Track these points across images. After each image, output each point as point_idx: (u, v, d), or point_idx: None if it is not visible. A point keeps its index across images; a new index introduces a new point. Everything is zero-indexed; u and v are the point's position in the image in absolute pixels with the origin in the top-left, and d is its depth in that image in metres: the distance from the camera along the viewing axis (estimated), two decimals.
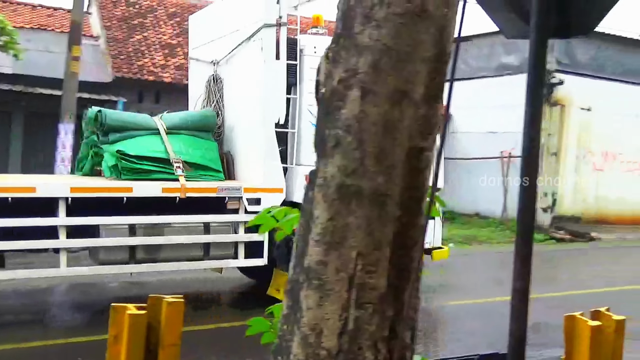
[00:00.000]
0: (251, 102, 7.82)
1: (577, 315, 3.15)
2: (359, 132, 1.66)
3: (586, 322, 3.08)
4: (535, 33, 2.33)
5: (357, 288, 1.71)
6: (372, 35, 1.65)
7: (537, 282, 8.76)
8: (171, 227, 7.27)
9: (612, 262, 12.81)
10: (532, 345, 6.47)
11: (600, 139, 17.99)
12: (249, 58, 7.83)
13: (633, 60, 19.24)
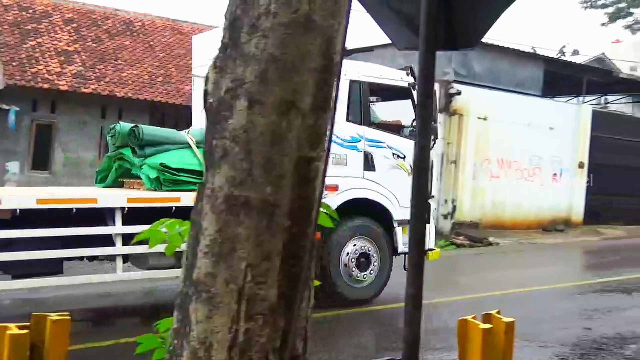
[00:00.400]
0: None
1: (470, 318, 3.25)
2: (247, 143, 1.66)
3: (478, 325, 3.18)
4: (423, 44, 2.41)
5: (247, 300, 1.69)
6: (259, 45, 1.65)
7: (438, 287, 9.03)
8: None
9: (508, 266, 13.35)
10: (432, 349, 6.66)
11: (496, 147, 18.75)
12: None
13: (525, 71, 20.24)
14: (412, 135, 8.98)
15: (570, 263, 13.66)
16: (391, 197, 8.82)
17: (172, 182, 7.79)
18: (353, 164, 8.59)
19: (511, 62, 19.94)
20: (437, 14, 2.40)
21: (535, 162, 19.76)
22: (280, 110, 1.66)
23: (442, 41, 2.45)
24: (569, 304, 9.50)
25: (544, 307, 9.26)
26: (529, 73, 20.37)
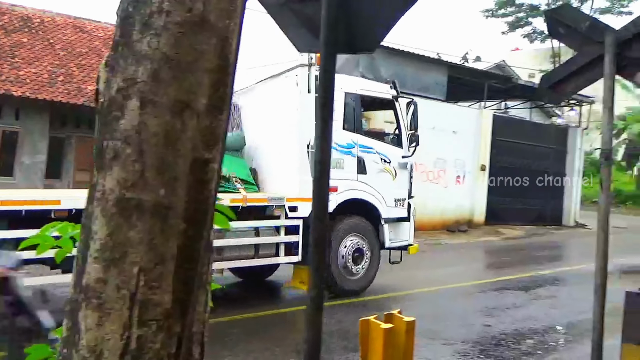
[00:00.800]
0: (286, 127, 9.11)
1: (372, 318, 3.31)
2: (139, 144, 1.61)
3: (379, 324, 3.25)
4: (324, 47, 2.42)
5: (139, 305, 1.64)
6: (152, 44, 1.61)
7: None
8: (232, 231, 8.00)
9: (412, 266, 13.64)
10: (340, 349, 6.71)
11: None
12: (283, 91, 9.18)
13: (430, 76, 20.82)
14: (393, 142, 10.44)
15: (472, 262, 14.13)
16: (380, 197, 9.91)
17: None
18: (348, 168, 9.51)
19: (416, 67, 20.47)
20: (336, 17, 2.42)
21: (440, 164, 20.34)
22: (174, 111, 1.62)
23: (343, 44, 2.48)
24: (471, 302, 9.82)
25: (447, 305, 9.54)
26: (433, 78, 20.96)
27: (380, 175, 9.96)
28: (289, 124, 9.16)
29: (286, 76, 9.25)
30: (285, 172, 9.20)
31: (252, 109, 9.78)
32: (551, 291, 10.85)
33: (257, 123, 9.65)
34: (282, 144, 9.31)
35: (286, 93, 9.22)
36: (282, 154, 9.31)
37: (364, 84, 10.48)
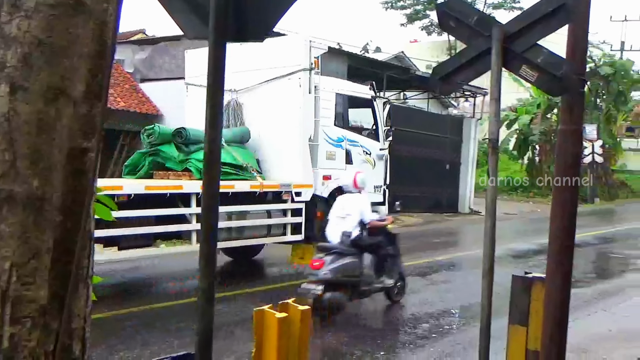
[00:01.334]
0: (290, 123, 10.29)
1: (266, 308, 3.30)
2: (9, 132, 1.53)
3: (274, 314, 3.25)
4: (213, 35, 2.37)
5: (12, 302, 1.57)
6: (22, 27, 1.52)
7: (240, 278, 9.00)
8: (251, 213, 9.71)
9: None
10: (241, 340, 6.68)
11: None
12: (287, 91, 10.29)
13: (331, 66, 20.90)
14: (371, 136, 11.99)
15: None
16: None
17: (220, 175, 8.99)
18: (339, 159, 11.00)
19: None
20: (226, 4, 2.38)
21: None
22: (47, 98, 1.55)
23: (233, 32, 2.44)
24: None
25: None
26: (334, 68, 21.11)
27: (363, 166, 11.23)
28: (292, 120, 10.34)
29: (289, 78, 10.28)
30: (289, 162, 10.41)
31: (254, 106, 10.79)
32: (446, 276, 11.22)
33: (260, 119, 10.73)
34: (286, 137, 10.45)
35: (290, 93, 10.29)
36: (286, 146, 10.44)
37: (351, 86, 12.01)
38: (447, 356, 6.79)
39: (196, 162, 9.69)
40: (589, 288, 10.58)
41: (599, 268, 13.15)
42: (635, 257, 14.47)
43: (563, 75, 3.84)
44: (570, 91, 3.87)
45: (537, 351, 4.43)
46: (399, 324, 7.96)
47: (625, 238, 18.31)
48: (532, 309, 4.62)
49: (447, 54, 36.82)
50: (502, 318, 4.85)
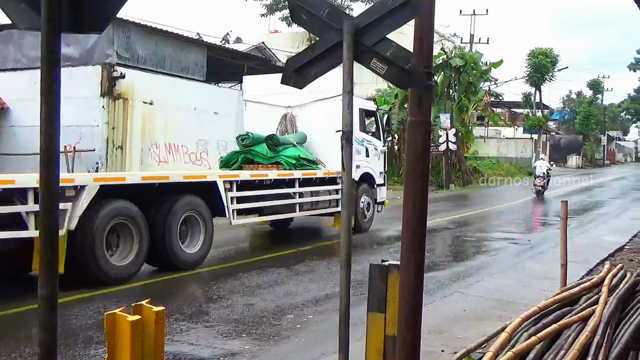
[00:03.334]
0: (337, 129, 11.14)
1: (118, 312, 3.18)
2: None
3: (126, 317, 3.14)
4: (46, 25, 2.24)
5: None
6: None
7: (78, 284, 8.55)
8: (319, 192, 13.97)
9: None
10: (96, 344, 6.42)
11: (164, 131, 18.82)
12: (333, 108, 13.37)
13: (190, 57, 20.63)
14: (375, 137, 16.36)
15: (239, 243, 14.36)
16: (374, 171, 16.01)
17: (301, 166, 13.80)
18: (362, 154, 15.41)
19: (176, 47, 20.16)
20: None
21: (202, 146, 20.31)
22: None
23: (68, 22, 2.31)
24: (235, 282, 9.95)
25: (211, 288, 9.58)
26: (193, 58, 20.80)
27: (374, 158, 16.00)
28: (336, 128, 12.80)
29: (335, 99, 13.77)
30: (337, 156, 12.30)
31: (305, 118, 14.93)
32: (311, 266, 11.38)
33: (310, 127, 14.81)
34: (332, 141, 12.23)
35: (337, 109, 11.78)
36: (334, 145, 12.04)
37: (366, 102, 17.12)
38: (310, 346, 6.90)
39: (285, 157, 13.81)
40: (445, 271, 11.13)
41: (454, 251, 13.86)
42: (486, 240, 15.41)
43: (411, 68, 3.98)
44: (418, 84, 4.02)
45: (394, 336, 4.59)
46: (263, 317, 7.98)
47: (478, 221, 19.45)
48: (389, 295, 4.79)
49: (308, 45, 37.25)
50: (363, 305, 4.99)
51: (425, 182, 4.23)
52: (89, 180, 9.26)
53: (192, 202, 10.79)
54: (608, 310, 5.60)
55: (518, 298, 9.11)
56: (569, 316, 5.71)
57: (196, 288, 9.90)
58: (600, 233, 16.45)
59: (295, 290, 9.49)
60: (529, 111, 56.10)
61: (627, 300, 6.27)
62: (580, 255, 12.34)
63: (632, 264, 11.09)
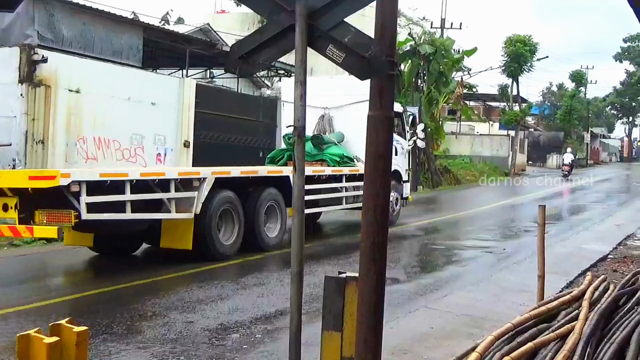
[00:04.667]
0: None
1: (32, 332, 3.12)
2: None
3: (42, 339, 3.07)
4: None
5: None
6: None
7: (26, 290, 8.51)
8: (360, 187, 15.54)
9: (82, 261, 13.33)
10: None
11: (93, 124, 18.52)
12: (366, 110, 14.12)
13: (123, 39, 20.35)
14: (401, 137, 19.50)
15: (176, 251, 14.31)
16: (401, 169, 19.11)
17: (344, 164, 16.58)
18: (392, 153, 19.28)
19: (107, 27, 19.86)
20: None
21: (137, 141, 20.05)
22: None
23: None
24: (172, 297, 9.87)
25: (145, 304, 9.48)
26: (127, 41, 20.53)
27: (401, 157, 19.12)
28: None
29: None
30: None
31: (341, 119, 17.76)
32: (260, 278, 11.36)
33: (346, 127, 17.50)
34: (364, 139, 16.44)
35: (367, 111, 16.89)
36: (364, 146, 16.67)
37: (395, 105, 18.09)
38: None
39: (330, 155, 16.82)
40: (411, 283, 11.23)
41: (422, 261, 14.01)
42: (457, 248, 15.60)
43: (371, 56, 4.00)
44: (379, 74, 4.04)
45: (352, 358, 4.61)
46: (205, 336, 7.92)
47: (448, 228, 19.68)
48: (346, 312, 4.80)
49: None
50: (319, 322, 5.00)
51: (387, 185, 4.26)
52: (208, 173, 12.61)
53: (273, 193, 14.21)
54: (588, 327, 5.72)
55: (491, 313, 9.24)
56: (546, 333, 5.82)
57: (125, 303, 9.77)
58: (582, 241, 16.80)
59: (242, 305, 9.45)
60: (505, 105, 56.95)
61: (610, 315, 6.41)
62: (560, 265, 12.59)
63: (616, 276, 11.36)
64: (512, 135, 54.91)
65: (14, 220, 10.44)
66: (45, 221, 10.23)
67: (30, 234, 10.58)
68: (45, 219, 10.22)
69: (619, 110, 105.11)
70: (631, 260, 13.53)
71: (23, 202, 10.34)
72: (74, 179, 10.14)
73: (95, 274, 12.47)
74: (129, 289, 10.42)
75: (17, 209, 10.34)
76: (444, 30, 42.13)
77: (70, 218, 10.15)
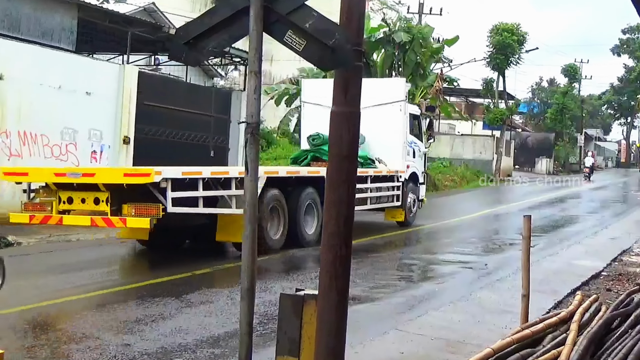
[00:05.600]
0: (394, 133, 21.02)
1: None
2: None
3: None
4: None
5: None
6: None
7: None
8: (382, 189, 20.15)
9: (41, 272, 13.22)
10: None
11: (17, 116, 18.32)
12: (392, 113, 20.94)
13: (55, 19, 20.16)
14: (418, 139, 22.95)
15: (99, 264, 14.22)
16: (418, 171, 22.37)
17: (367, 165, 19.88)
18: (411, 155, 21.80)
19: (36, 5, 19.65)
20: None
21: (69, 136, 19.88)
22: None
23: None
24: (106, 316, 9.80)
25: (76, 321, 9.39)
26: (59, 21, 20.33)
27: (418, 159, 22.64)
28: (396, 131, 21.07)
29: (393, 105, 20.87)
30: (393, 157, 21.06)
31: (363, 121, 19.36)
32: (207, 295, 11.32)
33: (367, 129, 16.88)
34: (391, 142, 20.97)
35: (393, 114, 21.04)
36: (391, 147, 21.01)
37: (413, 107, 23.57)
38: None
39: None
40: (380, 303, 11.27)
41: (393, 277, 14.05)
42: (434, 263, 15.73)
43: (336, 44, 4.01)
44: (345, 65, 4.07)
45: None
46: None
47: (423, 240, 19.83)
48: (304, 334, 4.81)
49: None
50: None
51: (352, 191, 4.28)
52: (261, 172, 14.22)
53: (311, 192, 17.05)
54: (577, 353, 5.80)
55: (469, 337, 9.30)
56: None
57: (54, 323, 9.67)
58: (573, 256, 17.00)
59: (187, 326, 9.40)
60: (490, 102, 57.51)
61: (601, 340, 6.51)
62: (548, 283, 12.74)
63: (610, 295, 11.52)
64: (497, 136, 55.49)
65: (107, 212, 12.83)
66: (133, 213, 12.75)
67: (123, 224, 13.14)
68: (134, 211, 12.75)
69: (616, 109, 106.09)
70: (627, 278, 13.74)
71: (113, 196, 12.82)
72: (164, 176, 12.73)
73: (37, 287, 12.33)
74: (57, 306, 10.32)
75: (108, 202, 12.81)
76: (422, 16, 42.52)
77: (158, 210, 12.70)
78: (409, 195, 21.57)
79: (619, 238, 20.45)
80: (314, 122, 20.56)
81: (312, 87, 22.40)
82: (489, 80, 56.30)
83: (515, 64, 54.67)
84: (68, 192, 13.43)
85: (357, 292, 11.30)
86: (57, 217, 13.52)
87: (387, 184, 20.44)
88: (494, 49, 52.75)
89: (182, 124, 24.11)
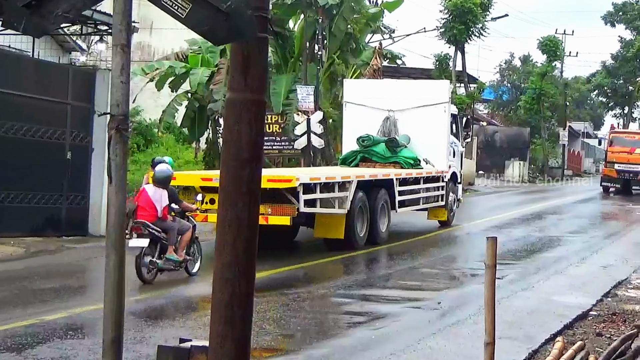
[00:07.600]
0: (438, 133, 29.02)
1: None
2: None
3: None
4: None
5: None
6: None
7: None
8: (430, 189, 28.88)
9: None
10: None
11: None
12: (436, 114, 29.01)
13: None
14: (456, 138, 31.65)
15: None
16: (457, 170, 31.17)
17: (415, 165, 27.82)
18: (452, 155, 30.20)
19: None
20: None
21: None
22: None
23: None
24: None
25: None
26: None
27: (457, 158, 30.87)
28: (440, 131, 28.65)
29: (436, 107, 28.29)
30: (437, 157, 28.64)
31: (405, 122, 28.15)
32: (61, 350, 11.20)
33: (410, 129, 27.87)
34: (435, 142, 28.49)
35: (438, 115, 28.55)
36: (435, 148, 28.44)
37: (454, 108, 32.07)
38: None
39: (404, 158, 27.16)
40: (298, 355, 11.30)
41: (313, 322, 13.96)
42: (370, 301, 15.73)
43: (231, 9, 3.99)
44: (243, 36, 4.05)
45: None
46: None
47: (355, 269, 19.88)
48: None
49: None
50: None
51: (255, 207, 4.27)
52: (354, 176, 22.74)
53: (383, 193, 24.38)
54: None
55: None
56: None
57: None
58: (553, 290, 17.23)
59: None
60: None
61: None
62: (520, 326, 12.93)
63: (600, 342, 11.73)
64: None
65: None
66: (270, 213, 19.26)
67: (265, 222, 18.65)
68: (270, 210, 19.28)
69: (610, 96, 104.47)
70: (622, 319, 13.92)
71: None
72: (301, 181, 19.67)
73: None
74: None
75: None
76: None
77: (294, 211, 19.66)
78: (450, 195, 29.37)
79: (613, 266, 20.83)
80: (356, 124, 28.46)
81: (355, 88, 30.51)
82: (443, 57, 56.96)
83: (477, 35, 55.65)
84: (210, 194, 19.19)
85: (264, 341, 11.34)
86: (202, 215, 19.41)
87: (434, 184, 28.21)
88: (450, 15, 53.50)
89: (24, 114, 23.37)
